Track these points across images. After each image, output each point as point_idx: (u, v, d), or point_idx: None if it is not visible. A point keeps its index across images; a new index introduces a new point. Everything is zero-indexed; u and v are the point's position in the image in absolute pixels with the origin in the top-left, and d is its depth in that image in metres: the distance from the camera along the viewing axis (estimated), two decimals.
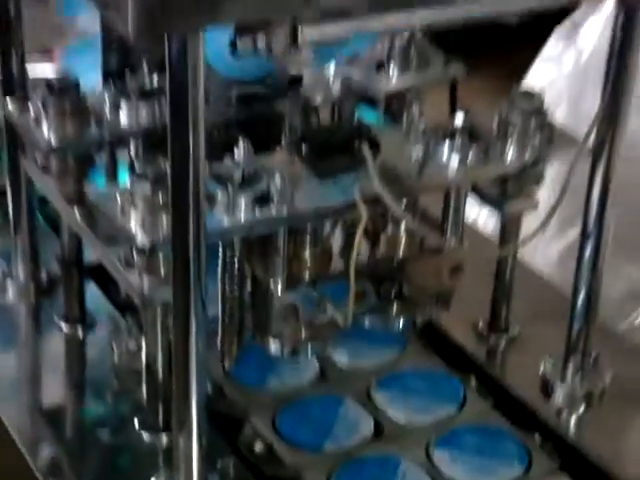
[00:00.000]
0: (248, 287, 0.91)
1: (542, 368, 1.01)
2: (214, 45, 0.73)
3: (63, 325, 1.07)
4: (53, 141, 0.89)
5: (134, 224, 0.79)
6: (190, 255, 0.73)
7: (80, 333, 1.06)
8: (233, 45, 0.77)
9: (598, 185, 0.92)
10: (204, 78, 0.66)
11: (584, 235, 0.94)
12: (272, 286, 0.88)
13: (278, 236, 0.86)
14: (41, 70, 1.25)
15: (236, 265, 0.88)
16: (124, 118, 0.92)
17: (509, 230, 1.01)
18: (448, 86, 1.05)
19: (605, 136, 0.91)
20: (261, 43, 0.70)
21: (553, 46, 1.77)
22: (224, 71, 0.88)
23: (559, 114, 1.47)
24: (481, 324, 1.08)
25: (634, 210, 1.38)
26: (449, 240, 0.95)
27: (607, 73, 0.89)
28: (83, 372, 1.05)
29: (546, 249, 1.42)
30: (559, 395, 0.99)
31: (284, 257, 0.87)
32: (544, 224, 0.91)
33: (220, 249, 0.87)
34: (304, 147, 0.89)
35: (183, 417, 0.79)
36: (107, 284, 1.07)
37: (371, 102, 1.02)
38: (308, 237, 0.90)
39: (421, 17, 0.74)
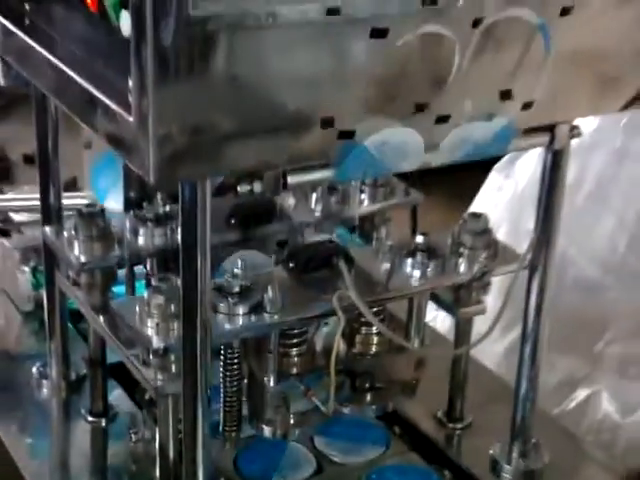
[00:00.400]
0: (245, 380, 1.05)
1: (492, 451, 1.14)
2: None
3: (89, 417, 1.19)
4: (83, 260, 1.05)
5: (150, 329, 0.94)
6: (197, 355, 0.87)
7: (103, 424, 1.18)
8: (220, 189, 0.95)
9: (535, 294, 1.07)
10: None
11: (524, 336, 1.09)
12: (265, 379, 1.03)
13: (270, 338, 1.01)
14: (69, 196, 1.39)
15: (235, 362, 1.03)
16: (142, 240, 1.08)
17: (462, 331, 1.17)
18: (410, 210, 1.24)
19: (540, 253, 1.06)
20: (257, 186, 0.86)
21: (494, 178, 2.00)
22: None
23: (501, 233, 1.66)
24: (440, 414, 1.22)
25: (563, 310, 1.55)
26: (413, 340, 1.10)
27: (539, 203, 1.05)
28: (105, 457, 1.17)
29: (493, 347, 1.59)
30: (506, 474, 1.12)
31: (275, 355, 1.01)
32: (492, 327, 1.06)
33: (222, 349, 1.02)
34: (291, 262, 1.05)
35: None
36: (127, 381, 1.19)
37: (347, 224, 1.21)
38: (295, 338, 1.05)
39: None
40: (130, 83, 0.72)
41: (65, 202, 1.15)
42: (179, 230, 0.84)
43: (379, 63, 0.78)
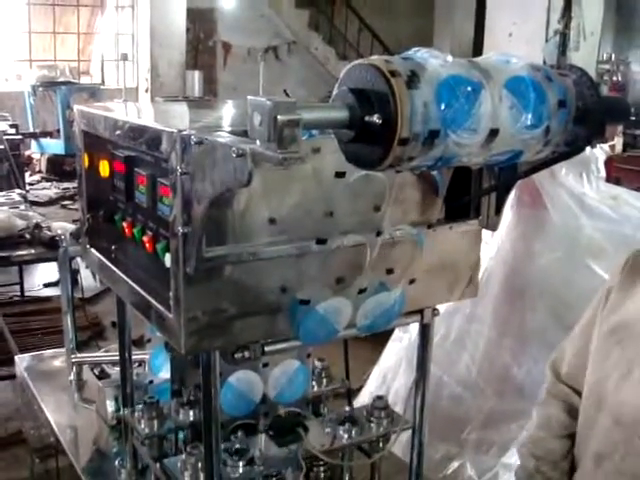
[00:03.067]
0: None
1: None
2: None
3: None
4: (147, 432, 1.72)
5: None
6: None
7: None
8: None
9: (418, 409, 1.69)
10: None
11: (413, 432, 1.71)
12: None
13: None
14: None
15: None
16: (181, 416, 1.76)
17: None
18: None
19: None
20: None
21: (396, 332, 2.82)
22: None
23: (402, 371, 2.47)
24: None
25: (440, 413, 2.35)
26: None
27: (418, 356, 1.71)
28: None
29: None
30: None
31: None
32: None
33: None
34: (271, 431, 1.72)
35: None
36: None
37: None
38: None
39: None
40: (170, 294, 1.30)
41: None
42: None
43: None
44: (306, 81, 12.18)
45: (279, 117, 0.97)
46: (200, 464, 1.57)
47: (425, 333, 1.67)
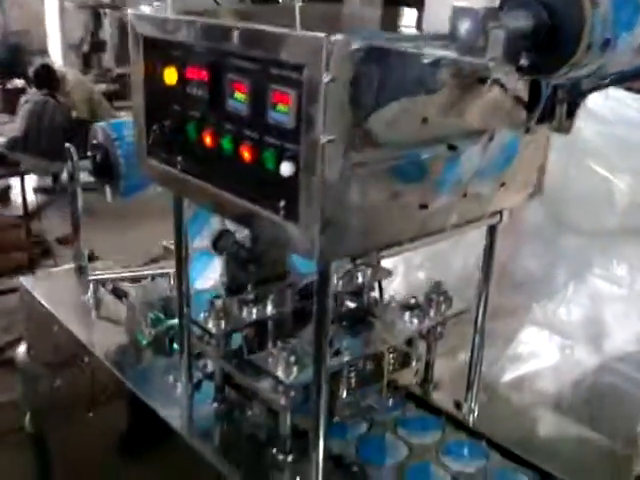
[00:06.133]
0: None
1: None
2: None
3: None
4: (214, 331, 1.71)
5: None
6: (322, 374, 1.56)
7: None
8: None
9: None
10: None
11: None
12: None
13: None
14: None
15: None
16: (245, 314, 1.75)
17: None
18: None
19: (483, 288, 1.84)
20: None
21: None
22: None
23: None
24: None
25: None
26: None
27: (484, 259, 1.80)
28: None
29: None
30: None
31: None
32: None
33: None
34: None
35: None
36: None
37: None
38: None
39: None
40: (281, 204, 1.28)
41: None
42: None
43: None
44: None
45: (490, 24, 0.95)
46: (293, 358, 1.56)
47: (492, 234, 1.71)
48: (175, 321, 2.06)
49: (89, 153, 2.28)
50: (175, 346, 2.07)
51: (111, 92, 9.55)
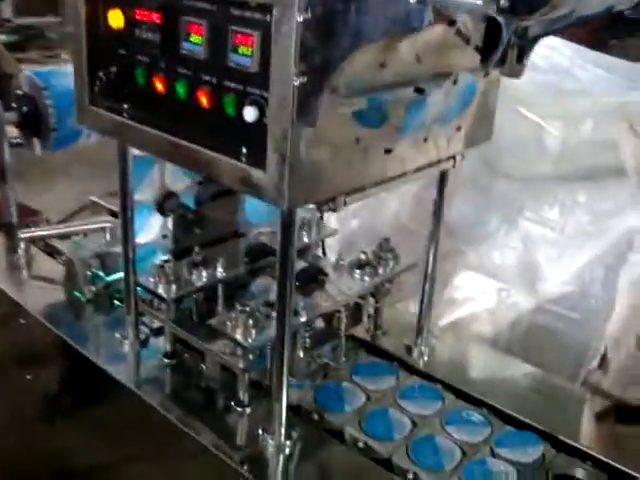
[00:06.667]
0: None
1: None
2: None
3: None
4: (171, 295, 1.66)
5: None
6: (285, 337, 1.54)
7: None
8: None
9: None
10: None
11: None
12: None
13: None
14: None
15: None
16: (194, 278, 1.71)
17: None
18: None
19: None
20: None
21: None
22: None
23: None
24: None
25: None
26: None
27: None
28: None
29: None
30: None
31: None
32: None
33: None
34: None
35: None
36: None
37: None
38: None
39: None
40: (244, 150, 1.23)
41: None
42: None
43: None
44: None
45: None
46: (251, 320, 1.54)
47: (444, 179, 1.72)
48: (117, 277, 2.00)
49: (14, 105, 2.15)
50: (117, 302, 2.01)
51: (11, 43, 9.07)
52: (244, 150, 1.29)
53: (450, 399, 1.73)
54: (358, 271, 1.80)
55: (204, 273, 1.73)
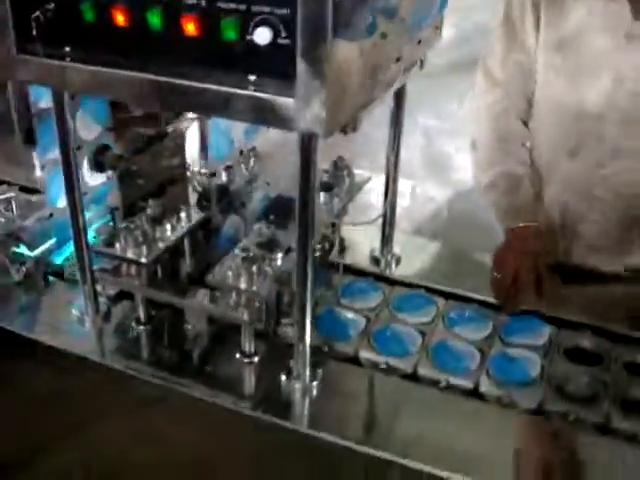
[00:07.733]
0: None
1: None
2: None
3: None
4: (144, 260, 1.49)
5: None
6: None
7: None
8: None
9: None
10: None
11: None
12: None
13: None
14: None
15: None
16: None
17: None
18: None
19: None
20: None
21: None
22: None
23: None
24: None
25: None
26: None
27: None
28: None
29: None
30: None
31: None
32: None
33: None
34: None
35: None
36: None
37: None
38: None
39: None
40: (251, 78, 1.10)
41: None
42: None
43: None
44: None
45: None
46: (255, 267, 1.42)
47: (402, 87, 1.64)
48: (43, 250, 1.78)
49: None
50: (52, 278, 1.79)
51: None
52: (251, 78, 1.14)
53: (440, 302, 1.71)
54: (323, 194, 1.70)
55: (168, 227, 1.56)
